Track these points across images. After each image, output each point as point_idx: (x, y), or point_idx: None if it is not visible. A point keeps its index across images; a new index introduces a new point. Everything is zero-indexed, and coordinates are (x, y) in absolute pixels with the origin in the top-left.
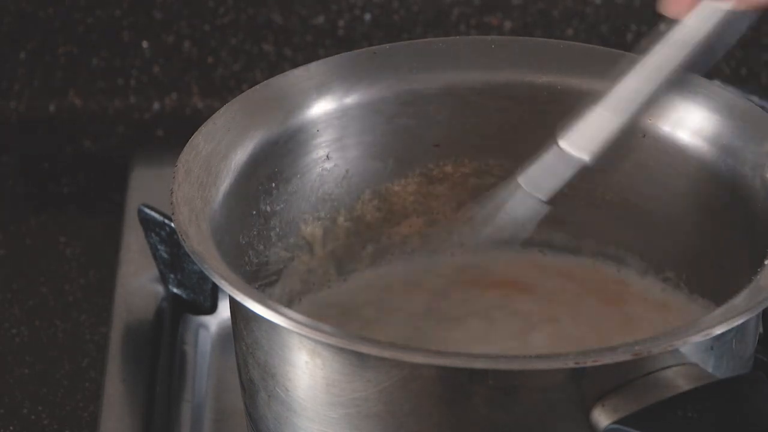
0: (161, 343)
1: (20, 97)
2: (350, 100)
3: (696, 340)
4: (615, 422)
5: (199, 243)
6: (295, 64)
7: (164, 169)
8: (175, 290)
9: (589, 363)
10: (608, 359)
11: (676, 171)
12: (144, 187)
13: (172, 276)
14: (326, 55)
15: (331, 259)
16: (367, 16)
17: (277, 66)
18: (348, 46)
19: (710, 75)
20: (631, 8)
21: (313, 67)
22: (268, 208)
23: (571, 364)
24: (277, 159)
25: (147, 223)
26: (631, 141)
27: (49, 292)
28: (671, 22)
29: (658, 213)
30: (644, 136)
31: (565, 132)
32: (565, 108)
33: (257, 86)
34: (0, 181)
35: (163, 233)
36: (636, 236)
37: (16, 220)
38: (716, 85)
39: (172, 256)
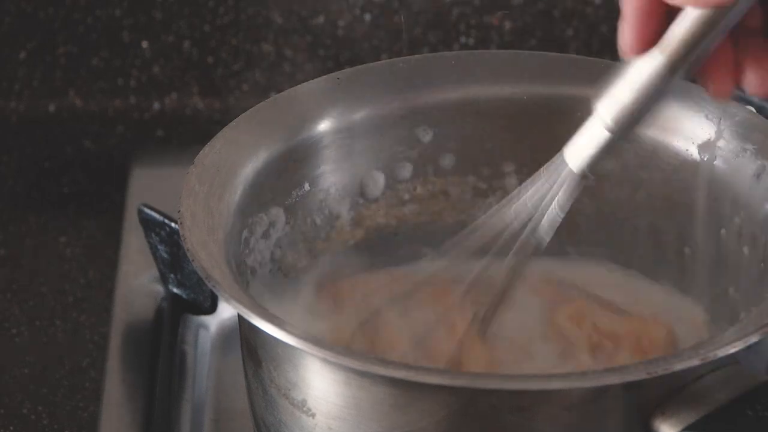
0: (161, 343)
1: (20, 97)
2: (324, 127)
3: (758, 338)
4: (685, 429)
5: (231, 288)
6: (295, 64)
7: (164, 169)
8: (175, 290)
9: (660, 371)
10: (678, 366)
11: (679, 184)
12: (144, 187)
13: (172, 276)
14: (326, 56)
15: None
16: (367, 16)
17: (277, 66)
18: (348, 46)
19: None
20: None
21: (283, 98)
22: (253, 256)
23: (643, 375)
24: (263, 194)
25: (147, 223)
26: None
27: (49, 292)
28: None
29: (663, 227)
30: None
31: (603, 95)
32: (533, 118)
33: (232, 123)
34: (0, 181)
35: (163, 233)
36: (641, 248)
37: (16, 220)
38: (734, 103)
39: (172, 256)
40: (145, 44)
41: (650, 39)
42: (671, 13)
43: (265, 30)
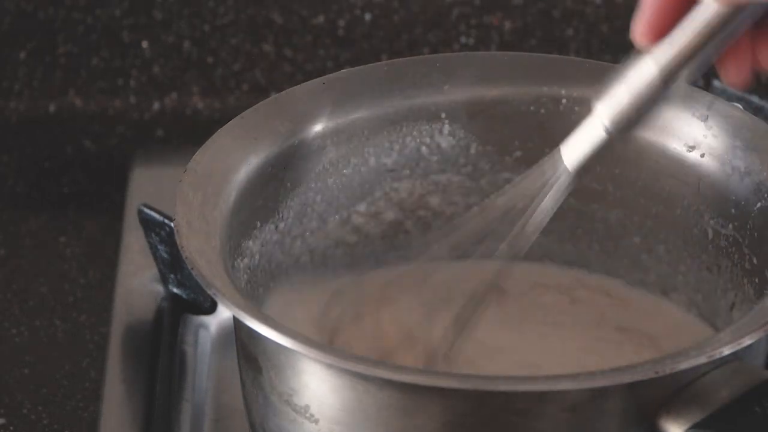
0: (161, 343)
1: (20, 97)
2: (313, 131)
3: (764, 334)
4: (692, 427)
5: (232, 296)
6: (295, 64)
7: (164, 169)
8: (175, 290)
9: (668, 370)
10: (685, 364)
11: (668, 182)
12: (144, 187)
13: (172, 276)
14: (326, 56)
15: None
16: (367, 16)
17: (277, 66)
18: (348, 46)
19: (710, 75)
20: (631, 8)
21: (272, 102)
22: (246, 261)
23: (651, 374)
24: (256, 199)
25: (147, 223)
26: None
27: (49, 292)
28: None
29: (662, 231)
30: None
31: (602, 96)
32: (522, 119)
33: (221, 130)
34: (0, 181)
35: (163, 233)
36: (623, 248)
37: (16, 220)
38: (722, 101)
39: (172, 256)
40: (145, 44)
41: (664, 29)
42: (689, 6)
43: (265, 30)
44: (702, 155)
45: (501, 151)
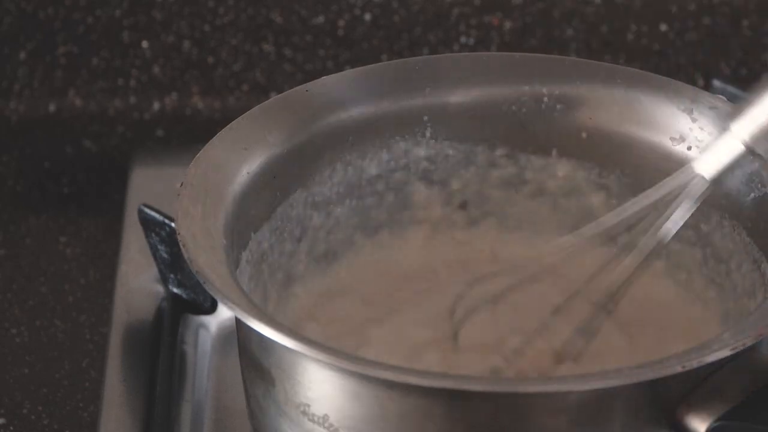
0: (161, 343)
1: (20, 97)
2: (302, 139)
3: None
4: (717, 420)
5: (252, 310)
6: (295, 64)
7: (164, 169)
8: (175, 290)
9: (695, 364)
10: (711, 357)
11: (656, 176)
12: (144, 187)
13: (172, 276)
14: (326, 56)
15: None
16: (367, 16)
17: (277, 66)
18: (348, 46)
19: (710, 74)
20: (631, 8)
21: (259, 111)
22: (249, 270)
23: (678, 369)
24: (251, 210)
25: (147, 223)
26: None
27: (49, 292)
28: None
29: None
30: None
31: (738, 115)
32: (504, 120)
33: (211, 141)
34: (0, 181)
35: (163, 233)
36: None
37: (16, 220)
38: (706, 94)
39: (172, 256)
40: (145, 44)
41: None
42: None
43: (265, 30)
44: (689, 148)
45: (485, 151)
